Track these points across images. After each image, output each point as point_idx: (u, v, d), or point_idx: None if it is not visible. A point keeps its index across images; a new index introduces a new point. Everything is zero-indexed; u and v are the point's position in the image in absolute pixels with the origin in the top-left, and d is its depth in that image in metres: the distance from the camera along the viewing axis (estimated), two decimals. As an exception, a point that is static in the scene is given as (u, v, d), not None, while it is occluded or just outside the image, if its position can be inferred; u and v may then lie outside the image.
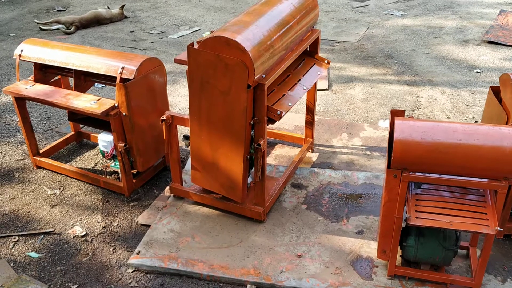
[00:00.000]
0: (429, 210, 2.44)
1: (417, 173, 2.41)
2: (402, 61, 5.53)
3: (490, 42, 5.86)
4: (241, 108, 2.72)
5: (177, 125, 3.16)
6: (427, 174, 2.39)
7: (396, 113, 2.55)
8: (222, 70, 2.65)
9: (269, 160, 3.86)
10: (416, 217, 2.41)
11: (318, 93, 4.90)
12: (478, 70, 5.19)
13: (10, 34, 6.81)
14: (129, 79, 3.13)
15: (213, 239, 3.06)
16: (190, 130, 3.00)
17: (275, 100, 2.98)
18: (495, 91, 2.88)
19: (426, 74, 5.18)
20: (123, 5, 7.35)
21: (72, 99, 3.29)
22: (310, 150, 3.92)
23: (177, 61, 3.02)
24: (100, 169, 3.79)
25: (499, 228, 2.29)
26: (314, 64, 3.47)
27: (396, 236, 2.59)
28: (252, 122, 2.83)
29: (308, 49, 3.50)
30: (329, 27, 6.67)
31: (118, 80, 3.12)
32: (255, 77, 2.63)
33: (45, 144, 4.10)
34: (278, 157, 3.89)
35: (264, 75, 2.74)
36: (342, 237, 3.06)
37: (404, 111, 2.56)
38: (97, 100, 3.25)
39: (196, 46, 2.75)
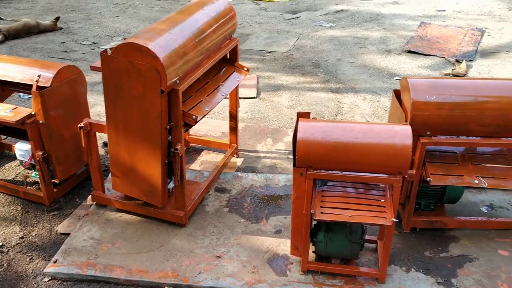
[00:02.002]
0: (333, 206, 2.59)
1: (321, 171, 2.55)
2: (328, 69, 5.77)
3: (410, 52, 6.22)
4: (155, 113, 2.78)
5: (97, 132, 3.17)
6: (330, 171, 2.54)
7: (303, 115, 2.69)
8: (135, 76, 2.71)
9: (195, 166, 3.92)
10: (321, 213, 2.55)
11: (247, 101, 5.03)
12: (398, 78, 5.50)
13: None
14: (45, 87, 3.12)
15: (133, 245, 3.08)
16: (107, 136, 3.03)
17: (193, 105, 3.07)
18: (398, 94, 3.09)
19: (350, 82, 5.43)
20: (58, 17, 7.24)
21: (-14, 109, 3.23)
22: (235, 155, 4.02)
23: (93, 68, 3.05)
24: (21, 179, 3.72)
25: (394, 220, 2.46)
26: (234, 71, 3.59)
27: (306, 232, 2.71)
28: (168, 127, 2.89)
29: (228, 57, 3.62)
30: (261, 38, 6.85)
31: (34, 88, 3.10)
32: (168, 83, 2.71)
33: (-37, 156, 3.98)
34: (204, 163, 3.96)
35: (178, 81, 2.82)
36: (260, 237, 3.16)
37: (309, 113, 2.71)
38: (13, 109, 3.21)
39: (109, 52, 2.79)
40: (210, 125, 4.49)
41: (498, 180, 2.91)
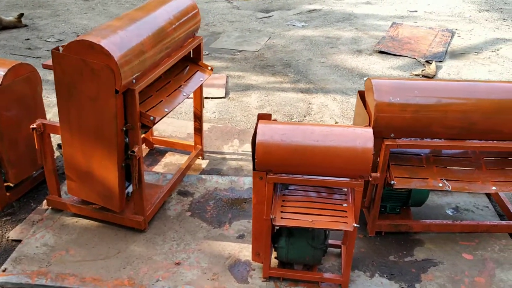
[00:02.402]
0: (294, 211, 2.51)
1: (282, 175, 2.47)
2: (299, 69, 5.70)
3: (381, 52, 6.20)
4: (110, 114, 2.66)
5: (51, 134, 3.03)
6: (290, 175, 2.46)
7: (263, 117, 2.60)
8: (88, 75, 2.58)
9: (158, 168, 3.80)
10: (281, 218, 2.46)
11: (215, 101, 4.93)
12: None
13: None
14: (-4, 86, 2.96)
15: (88, 252, 2.95)
16: (61, 138, 2.89)
17: (152, 105, 2.95)
18: (362, 95, 3.03)
19: (320, 82, 5.37)
20: (22, 14, 6.99)
21: None
22: (200, 157, 3.91)
23: (45, 66, 2.91)
24: (-27, 183, 3.53)
25: (355, 225, 2.39)
26: (198, 70, 3.48)
27: (267, 238, 2.63)
28: (124, 128, 2.77)
29: (192, 56, 3.51)
30: (232, 36, 6.75)
31: (-18, 87, 2.94)
32: (123, 82, 2.59)
33: None
34: (168, 165, 3.84)
35: (134, 80, 2.70)
36: (222, 242, 3.06)
37: (270, 114, 2.62)
38: (-39, 109, 3.04)
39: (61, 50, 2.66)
40: (176, 125, 4.37)
41: (462, 183, 2.88)
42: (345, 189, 2.63)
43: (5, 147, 3.09)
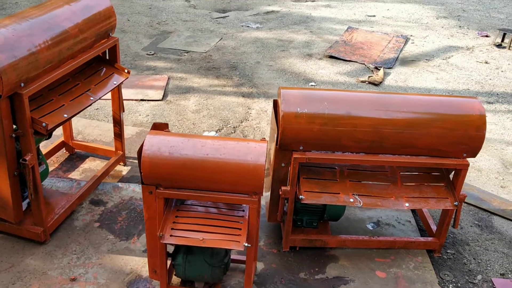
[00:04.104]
0: (186, 228, 2.35)
1: (173, 189, 2.31)
2: (245, 73, 5.55)
3: (331, 57, 6.09)
4: (-5, 119, 2.47)
5: None
6: (181, 190, 2.30)
7: (158, 127, 2.44)
8: (-33, 78, 2.38)
9: (75, 174, 3.61)
10: (171, 235, 2.31)
11: (151, 103, 4.75)
12: (313, 84, 5.35)
13: None
14: None
15: (-22, 265, 2.75)
16: None
17: (50, 110, 2.76)
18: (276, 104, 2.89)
19: (264, 86, 5.23)
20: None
21: None
22: (122, 163, 3.73)
23: None
24: None
25: (246, 244, 2.25)
26: (113, 73, 3.30)
27: (161, 255, 2.47)
28: (14, 135, 2.58)
29: (108, 58, 3.33)
30: (183, 36, 6.57)
31: None
32: (7, 86, 2.40)
33: None
34: (86, 171, 3.65)
35: (23, 84, 2.51)
36: (126, 256, 2.89)
37: (167, 124, 2.46)
38: None
39: None
40: (102, 129, 4.18)
41: (375, 198, 2.76)
42: (245, 205, 2.48)
43: None
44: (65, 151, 3.82)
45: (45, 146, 3.66)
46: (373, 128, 2.62)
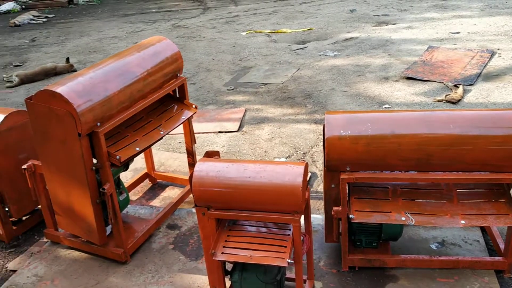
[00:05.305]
0: (236, 246, 2.54)
1: (223, 210, 2.53)
2: (319, 100, 5.70)
3: (408, 78, 6.03)
4: (77, 155, 2.89)
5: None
6: (230, 211, 2.51)
7: (210, 154, 2.69)
8: (55, 121, 2.84)
9: (156, 202, 3.99)
10: (222, 253, 2.51)
11: (227, 134, 5.08)
12: (387, 106, 5.34)
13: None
14: (-8, 132, 3.34)
15: (70, 282, 3.17)
16: (45, 177, 3.18)
17: (125, 145, 3.16)
18: (328, 128, 3.01)
19: (336, 112, 5.33)
20: (67, 58, 7.72)
21: None
22: (197, 191, 4.04)
23: (31, 113, 3.22)
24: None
25: (289, 260, 2.38)
26: (183, 109, 3.66)
27: (218, 272, 2.68)
28: (94, 167, 2.99)
29: (178, 95, 3.70)
30: (262, 70, 6.91)
31: (-18, 133, 3.33)
32: (85, 126, 2.82)
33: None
34: (165, 199, 4.02)
35: (99, 123, 2.92)
36: (194, 275, 3.14)
37: (218, 151, 2.71)
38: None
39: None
40: (182, 160, 4.57)
41: (428, 216, 2.74)
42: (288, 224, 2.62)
43: (6, 185, 3.44)
44: (148, 181, 4.24)
45: (130, 177, 4.11)
46: (417, 146, 2.64)
